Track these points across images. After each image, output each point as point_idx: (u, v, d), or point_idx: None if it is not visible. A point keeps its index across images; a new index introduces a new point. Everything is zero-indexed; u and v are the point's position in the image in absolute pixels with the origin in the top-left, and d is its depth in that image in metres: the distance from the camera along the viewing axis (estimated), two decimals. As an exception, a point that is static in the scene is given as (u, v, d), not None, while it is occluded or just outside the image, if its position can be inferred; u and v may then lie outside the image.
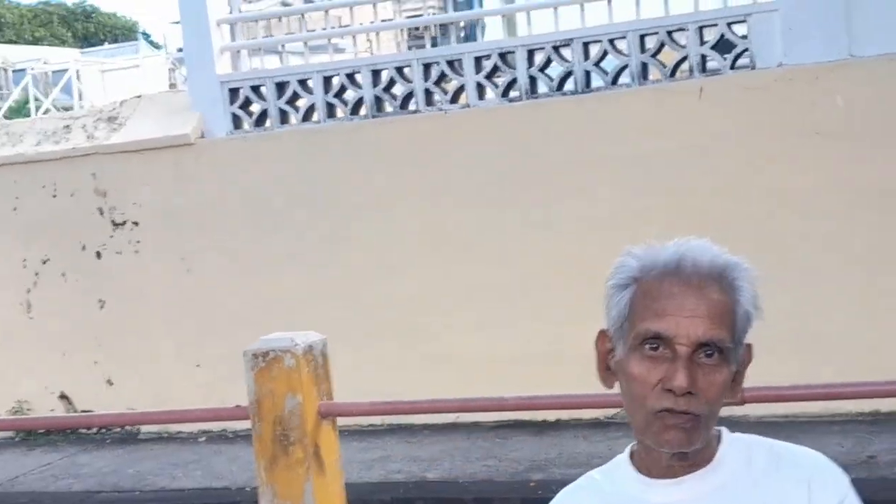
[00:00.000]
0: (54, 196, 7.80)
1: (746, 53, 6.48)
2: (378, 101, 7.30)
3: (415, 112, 7.18)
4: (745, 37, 6.49)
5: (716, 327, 1.54)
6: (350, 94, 7.38)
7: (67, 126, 8.08)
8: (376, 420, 6.88)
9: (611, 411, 6.12)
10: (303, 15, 7.84)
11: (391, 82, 7.28)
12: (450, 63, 7.11)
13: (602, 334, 1.67)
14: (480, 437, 6.60)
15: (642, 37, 6.67)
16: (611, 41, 6.74)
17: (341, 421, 4.18)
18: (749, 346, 1.63)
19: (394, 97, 7.27)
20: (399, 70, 7.26)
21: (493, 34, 10.29)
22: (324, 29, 7.95)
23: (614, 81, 6.78)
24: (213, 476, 6.55)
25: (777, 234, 6.24)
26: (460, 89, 7.13)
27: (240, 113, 7.57)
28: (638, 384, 1.57)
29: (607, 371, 1.66)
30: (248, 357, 4.00)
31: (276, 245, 7.27)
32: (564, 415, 6.54)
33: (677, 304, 1.55)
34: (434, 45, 7.87)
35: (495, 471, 5.99)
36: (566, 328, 6.21)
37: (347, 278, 7.10)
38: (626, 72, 6.73)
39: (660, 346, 1.55)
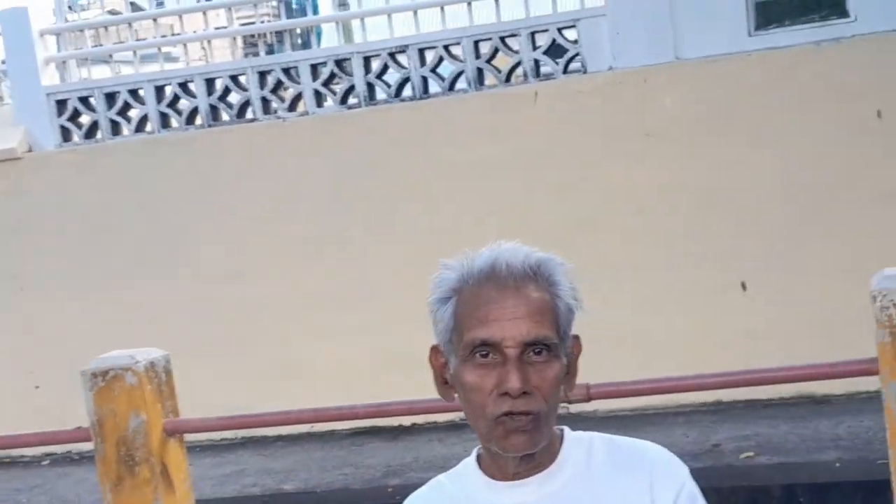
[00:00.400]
0: None
1: (578, 58, 6.66)
2: (214, 110, 7.20)
3: (252, 120, 7.11)
4: (575, 41, 6.67)
5: (539, 325, 1.57)
6: (184, 104, 7.25)
7: None
8: (228, 434, 6.78)
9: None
10: (130, 24, 7.66)
11: (226, 91, 7.19)
12: (286, 71, 7.07)
13: (434, 350, 1.68)
14: (335, 445, 6.59)
15: (476, 42, 6.77)
16: (446, 47, 6.82)
17: (193, 437, 4.12)
18: (576, 338, 1.67)
19: (230, 106, 7.19)
20: (234, 78, 7.18)
21: (331, 41, 10.28)
22: (154, 38, 7.78)
23: (451, 87, 6.86)
24: (60, 500, 6.34)
25: (612, 233, 6.43)
26: (298, 97, 7.10)
27: (68, 125, 7.35)
28: (475, 393, 1.59)
29: (445, 385, 1.67)
30: (87, 377, 3.89)
31: (114, 259, 7.08)
32: (419, 419, 6.57)
33: (498, 308, 1.57)
34: (270, 52, 7.81)
35: (352, 478, 5.99)
36: (415, 333, 6.23)
37: (189, 291, 6.97)
38: (463, 77, 6.83)
39: (489, 353, 1.57)
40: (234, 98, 7.17)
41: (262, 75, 7.09)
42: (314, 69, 7.03)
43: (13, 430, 5.84)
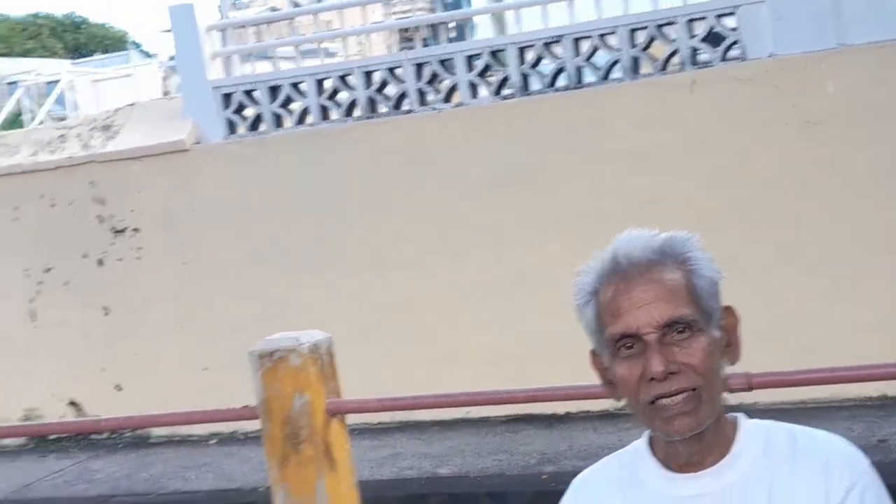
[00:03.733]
0: (53, 205, 7.85)
1: (737, 45, 6.55)
2: (372, 103, 7.36)
3: (409, 112, 7.24)
4: (734, 29, 6.56)
5: (672, 306, 1.58)
6: (343, 96, 7.44)
7: (62, 136, 8.13)
8: (385, 417, 6.93)
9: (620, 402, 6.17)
10: (292, 19, 7.89)
11: (384, 83, 7.34)
12: (441, 62, 7.18)
13: (592, 354, 1.72)
14: (490, 431, 6.65)
15: (632, 31, 6.74)
16: (601, 36, 6.81)
17: (351, 419, 4.23)
18: (728, 308, 1.67)
19: (387, 98, 7.34)
20: (391, 71, 7.32)
21: (484, 33, 10.35)
22: (314, 33, 8.00)
23: (606, 76, 6.84)
24: (226, 477, 6.60)
25: (771, 222, 6.31)
26: (453, 88, 7.20)
27: (234, 118, 7.63)
28: (627, 385, 1.62)
29: (610, 385, 1.70)
30: (255, 357, 4.04)
31: (278, 247, 7.32)
32: (573, 407, 6.60)
33: (626, 299, 1.60)
34: (425, 45, 7.92)
35: (507, 465, 6.04)
36: (570, 322, 6.24)
37: (350, 278, 7.16)
38: (618, 66, 6.80)
39: (632, 344, 1.60)
40: (392, 90, 7.32)
41: (419, 67, 7.22)
42: (469, 60, 7.11)
43: (182, 410, 6.14)
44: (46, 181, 7.84)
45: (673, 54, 6.72)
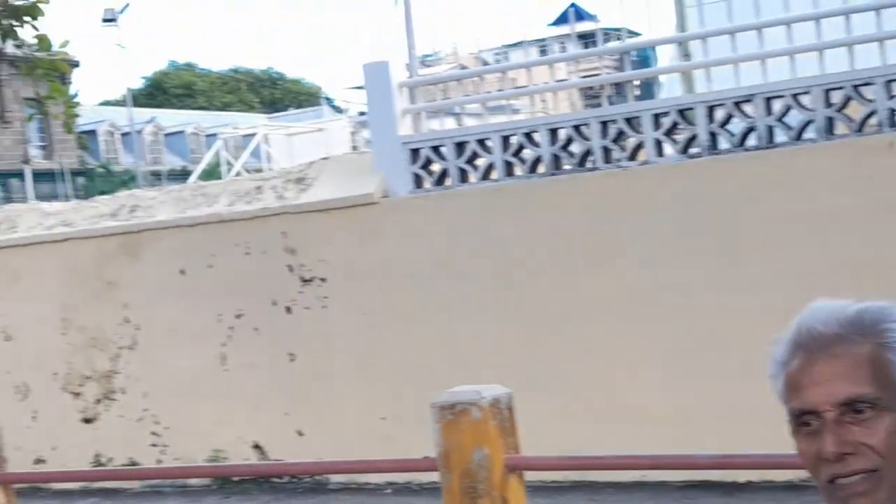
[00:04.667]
0: (247, 254, 8.17)
1: (939, 105, 6.29)
2: (556, 159, 7.40)
3: (593, 169, 7.24)
4: (937, 88, 6.30)
5: (852, 383, 1.53)
6: (528, 153, 7.50)
7: (259, 187, 8.48)
8: (559, 475, 6.87)
9: (805, 473, 5.94)
10: (481, 77, 8.03)
11: (569, 140, 7.37)
12: (627, 120, 7.16)
13: (790, 425, 1.69)
14: (667, 496, 6.49)
15: (827, 91, 6.56)
16: (794, 96, 6.66)
17: (526, 475, 4.21)
18: None
19: (571, 155, 7.36)
20: (576, 128, 7.34)
21: (671, 90, 10.28)
22: (500, 90, 8.12)
23: (799, 136, 6.68)
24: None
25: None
26: (639, 146, 7.16)
27: (421, 172, 7.79)
28: (806, 462, 1.59)
29: None
30: (436, 409, 4.08)
31: (460, 299, 7.41)
32: (755, 476, 6.38)
33: (808, 375, 1.56)
34: (610, 103, 7.93)
35: (682, 532, 5.89)
36: (755, 385, 6.08)
37: (529, 333, 7.17)
38: (811, 126, 6.63)
39: (811, 421, 1.57)
40: (576, 147, 7.34)
41: (604, 125, 7.22)
42: (656, 118, 7.07)
43: (360, 458, 6.24)
44: (242, 230, 8.17)
45: (870, 115, 6.51)
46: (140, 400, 8.48)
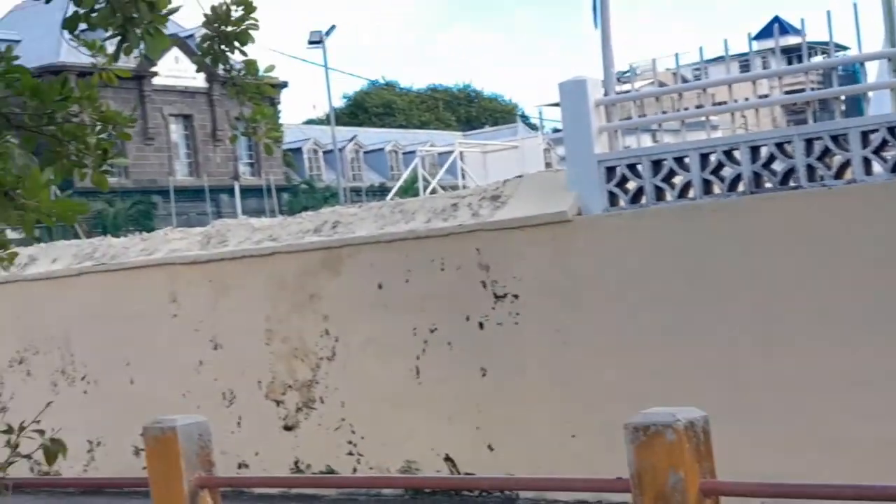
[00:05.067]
0: (442, 269, 8.31)
1: None
2: (757, 178, 7.21)
3: (796, 188, 7.02)
4: None
5: None
6: (727, 171, 7.34)
7: (455, 204, 8.61)
8: (755, 501, 6.67)
9: None
10: (680, 94, 7.92)
11: (771, 158, 7.17)
12: (833, 138, 6.91)
13: None
14: (866, 529, 6.21)
15: None
16: None
17: (722, 501, 4.13)
18: None
19: (773, 173, 7.16)
20: (779, 146, 7.14)
21: (879, 107, 9.85)
22: (698, 107, 7.97)
23: None
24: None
25: None
26: (845, 164, 6.90)
27: (616, 190, 7.73)
28: None
29: None
30: (629, 430, 4.06)
31: (654, 319, 7.31)
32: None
33: None
34: (815, 119, 7.67)
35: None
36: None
37: (727, 355, 7.01)
38: None
39: None
40: (779, 165, 7.13)
41: (809, 142, 6.99)
42: (864, 136, 6.80)
43: (549, 474, 6.24)
44: (437, 247, 8.31)
45: None
46: (338, 409, 8.74)
